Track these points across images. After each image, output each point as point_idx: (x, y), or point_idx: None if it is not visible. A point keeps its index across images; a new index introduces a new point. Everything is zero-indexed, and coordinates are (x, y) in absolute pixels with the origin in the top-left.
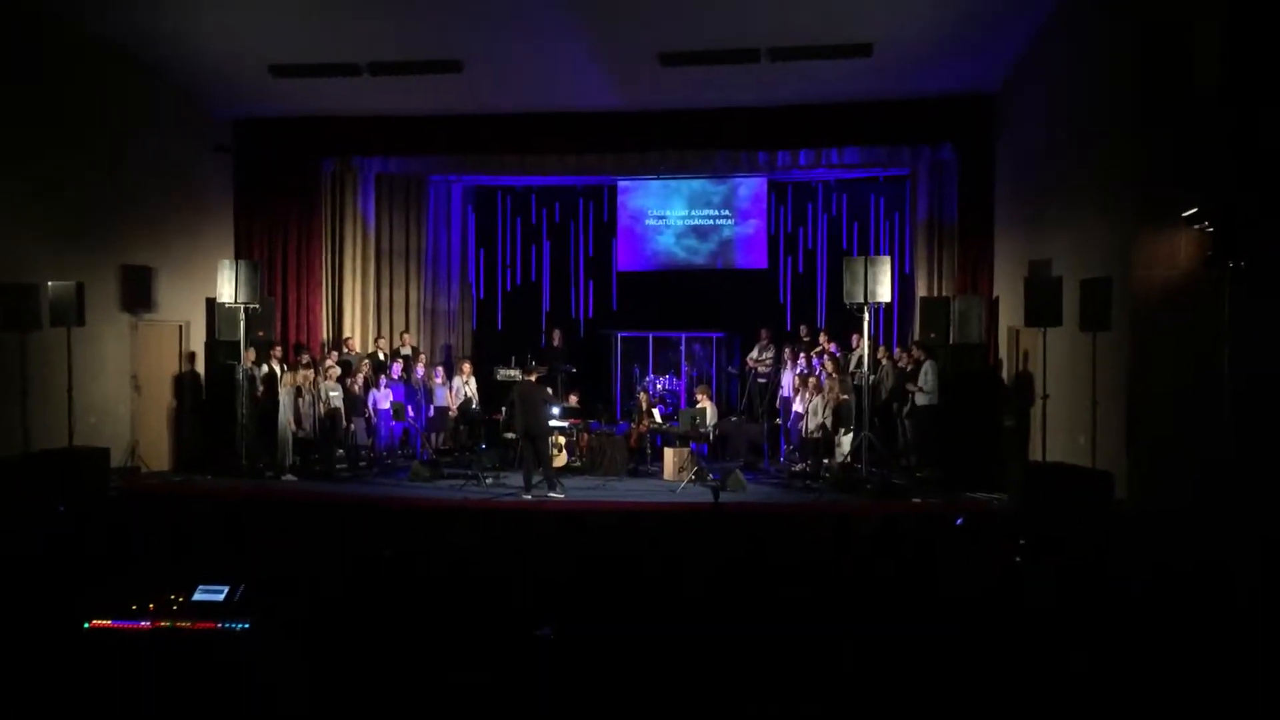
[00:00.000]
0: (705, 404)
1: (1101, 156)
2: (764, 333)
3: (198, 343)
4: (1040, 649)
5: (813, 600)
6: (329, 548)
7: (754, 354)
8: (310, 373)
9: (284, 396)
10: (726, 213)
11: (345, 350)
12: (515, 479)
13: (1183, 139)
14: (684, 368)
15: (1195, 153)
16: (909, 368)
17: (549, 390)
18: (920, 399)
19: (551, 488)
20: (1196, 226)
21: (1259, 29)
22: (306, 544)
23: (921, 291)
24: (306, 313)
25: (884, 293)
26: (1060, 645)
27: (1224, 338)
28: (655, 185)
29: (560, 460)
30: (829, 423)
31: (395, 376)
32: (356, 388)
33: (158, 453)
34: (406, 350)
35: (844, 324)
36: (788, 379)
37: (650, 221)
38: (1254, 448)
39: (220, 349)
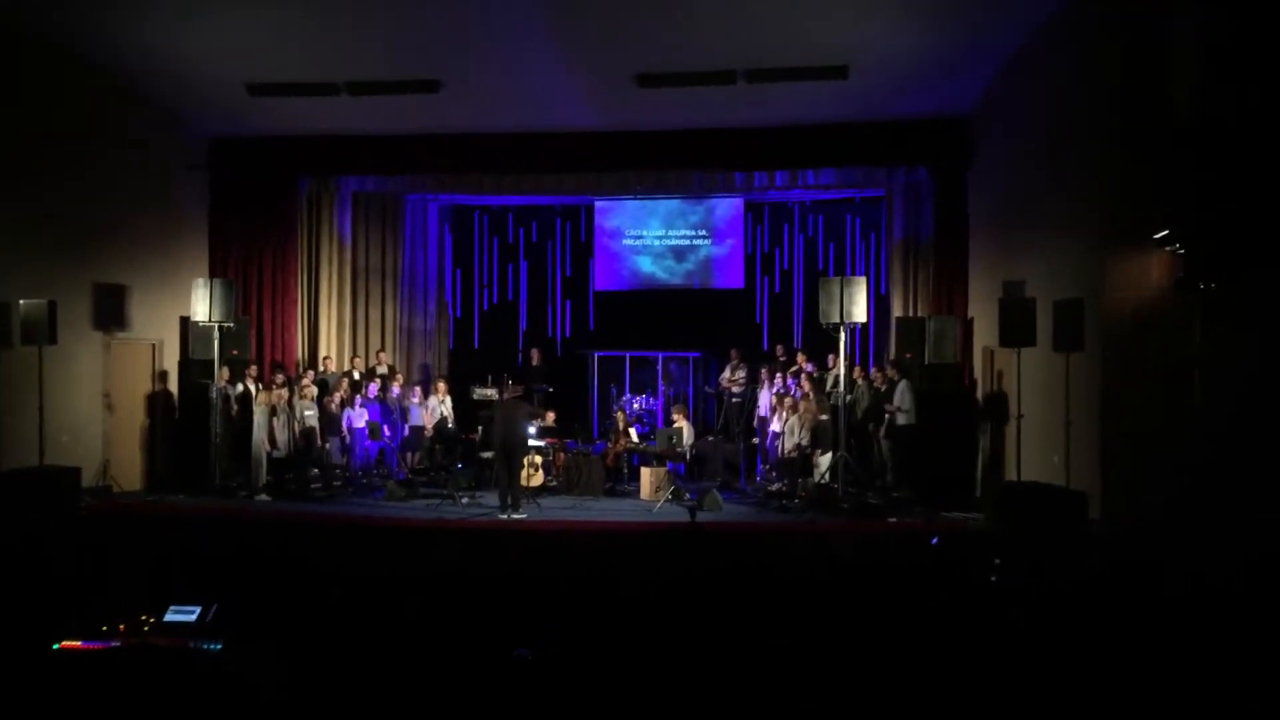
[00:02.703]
0: (682, 423)
1: (1073, 178)
2: (734, 352)
3: (171, 361)
4: (1015, 666)
5: (790, 620)
6: (303, 568)
7: (726, 374)
8: (285, 392)
9: (258, 416)
10: (703, 233)
11: (321, 369)
12: (491, 498)
13: (1154, 161)
14: (661, 387)
15: (1166, 175)
16: (884, 388)
17: (529, 406)
18: (899, 419)
19: (515, 508)
20: (1168, 249)
21: (1234, 56)
22: (280, 564)
23: (897, 311)
24: (282, 331)
25: (860, 313)
26: (1035, 661)
27: (1195, 359)
28: (632, 205)
29: (537, 479)
30: (806, 442)
31: (371, 396)
32: (332, 407)
33: (130, 472)
34: (383, 369)
35: (820, 344)
36: (765, 398)
37: (627, 241)
38: (1224, 468)
39: (194, 368)
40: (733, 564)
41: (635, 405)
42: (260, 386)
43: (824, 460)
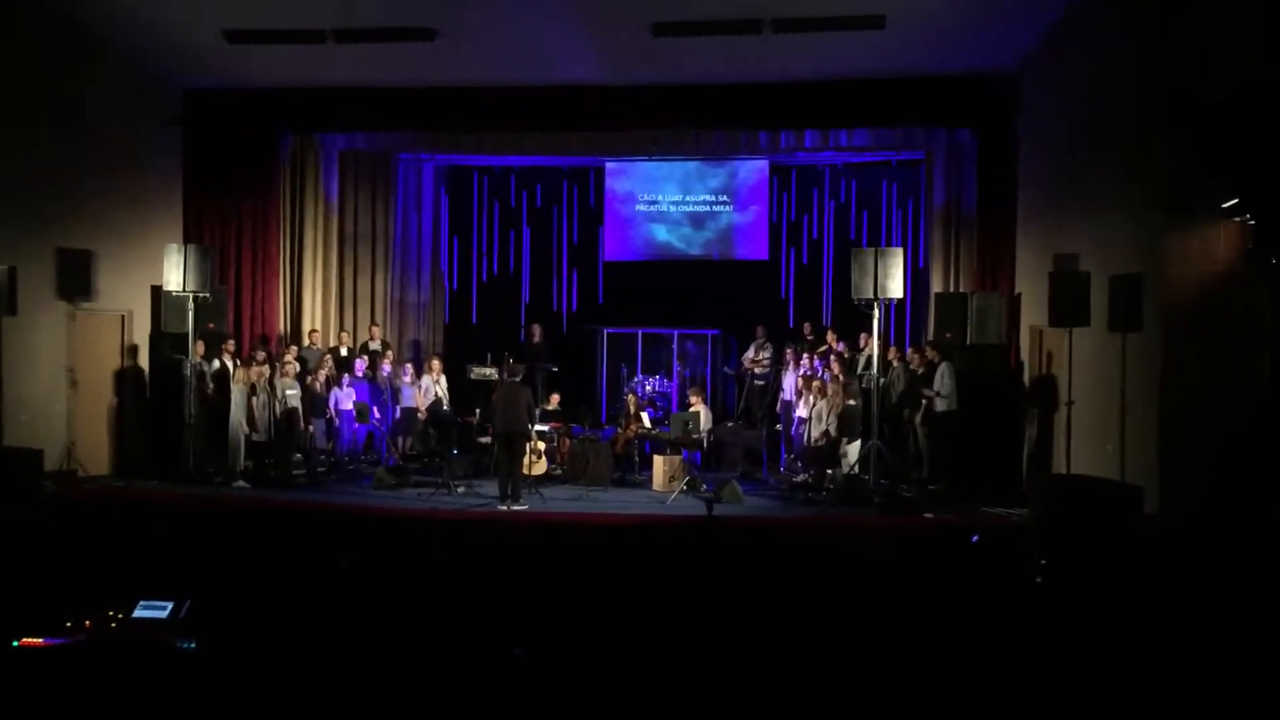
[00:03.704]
0: (699, 408)
1: (1132, 139)
2: (761, 330)
3: (142, 335)
4: (1061, 675)
5: (814, 623)
6: (284, 560)
7: (750, 354)
8: (266, 369)
9: (236, 395)
10: (724, 198)
11: (305, 345)
12: (489, 488)
13: (1223, 120)
14: (676, 368)
15: (1236, 136)
16: (921, 370)
17: (531, 393)
18: (939, 404)
19: (516, 499)
20: (1237, 218)
21: None
22: (259, 556)
23: (936, 287)
24: (262, 303)
25: (895, 288)
26: (1083, 670)
27: (1266, 339)
28: (646, 167)
29: (539, 468)
30: (834, 429)
31: (359, 374)
32: (317, 386)
33: (96, 455)
34: (375, 344)
35: (852, 322)
36: (790, 381)
37: (640, 207)
38: None
39: (167, 342)
40: (753, 562)
41: (648, 387)
42: (239, 363)
43: (854, 449)
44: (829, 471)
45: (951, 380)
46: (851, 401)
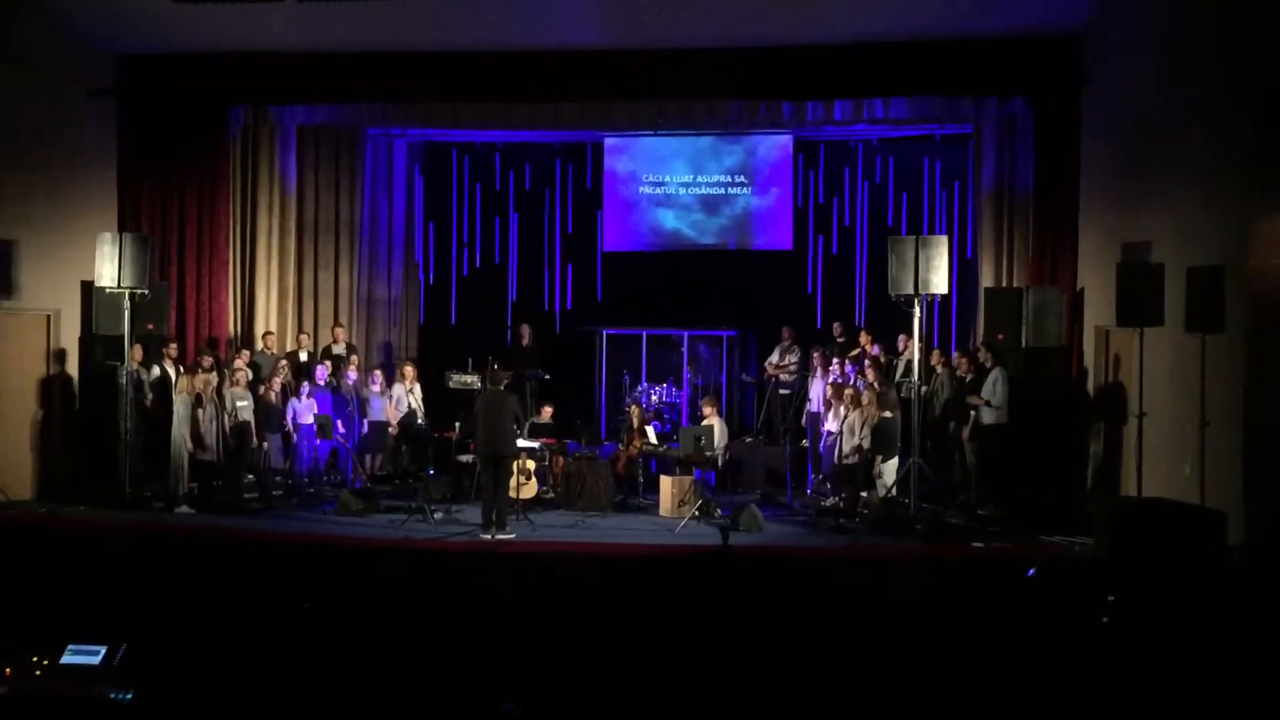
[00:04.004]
0: (713, 420)
1: (1214, 113)
2: (787, 332)
3: (70, 338)
4: None
5: (847, 670)
6: (234, 598)
7: (774, 358)
8: (213, 377)
9: (179, 407)
10: (741, 179)
11: (259, 349)
12: (471, 513)
13: None
14: (686, 374)
15: None
16: (969, 377)
17: (519, 404)
18: (987, 415)
19: (501, 526)
20: None
21: None
22: (205, 593)
23: (987, 281)
24: (209, 300)
25: (940, 282)
26: None
27: None
28: (651, 143)
29: (529, 490)
30: (868, 445)
31: (321, 382)
32: (272, 396)
33: (18, 477)
34: (339, 348)
35: (889, 321)
36: (817, 390)
37: (645, 189)
38: None
39: (99, 346)
40: (775, 599)
41: (654, 397)
42: (182, 370)
43: (891, 468)
44: (863, 494)
45: (1004, 388)
46: (888, 413)
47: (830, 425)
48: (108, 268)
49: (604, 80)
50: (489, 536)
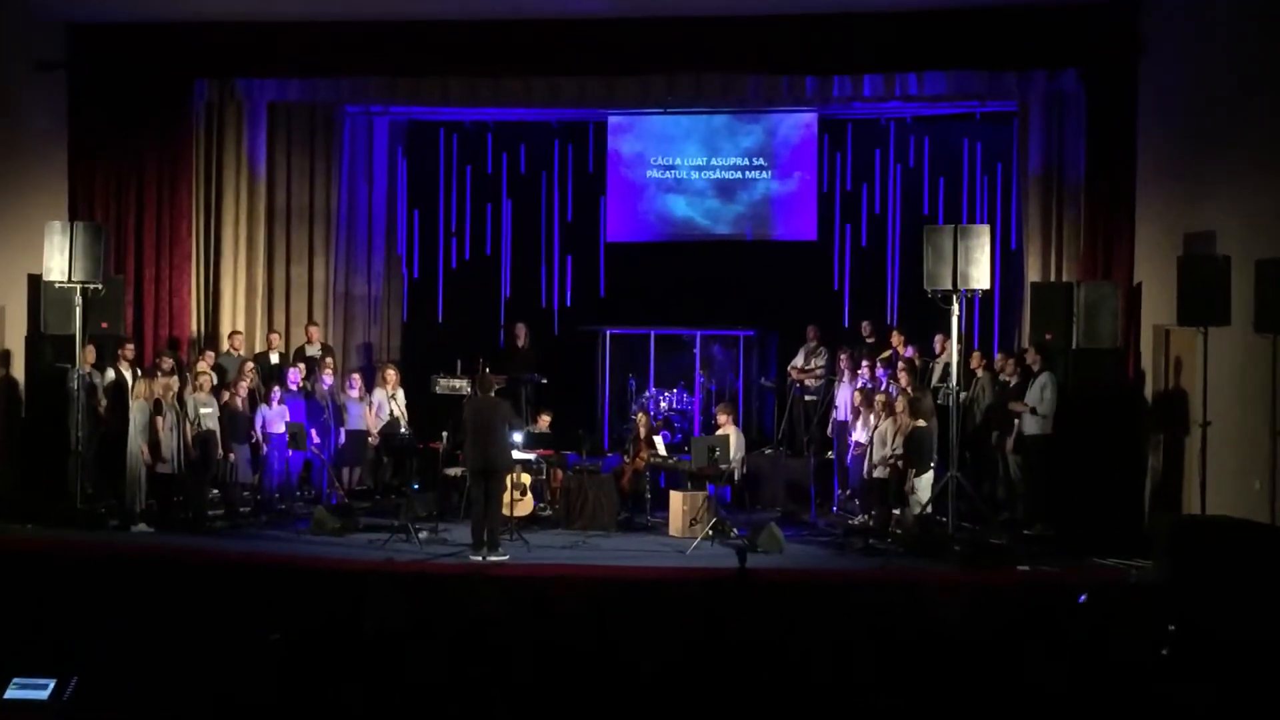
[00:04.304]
0: (728, 430)
1: None
2: (812, 331)
3: (15, 337)
4: None
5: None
6: (196, 628)
7: (798, 361)
8: (174, 381)
9: (136, 414)
10: (761, 162)
11: (224, 350)
12: (460, 532)
13: None
14: (699, 379)
15: None
16: (1014, 381)
17: (514, 411)
18: (1030, 424)
19: (493, 547)
20: None
21: None
22: (164, 622)
23: (1034, 275)
24: (170, 296)
25: (981, 276)
26: None
27: None
28: (660, 122)
29: (524, 507)
30: (901, 457)
31: (294, 387)
32: (239, 402)
33: None
34: (313, 349)
35: (924, 320)
36: (845, 396)
37: (653, 173)
38: None
39: (48, 346)
40: (797, 629)
41: (662, 404)
42: (139, 374)
43: (926, 483)
44: (895, 512)
45: (1054, 394)
46: (923, 422)
47: (859, 435)
48: (57, 260)
49: (607, 51)
50: (479, 558)
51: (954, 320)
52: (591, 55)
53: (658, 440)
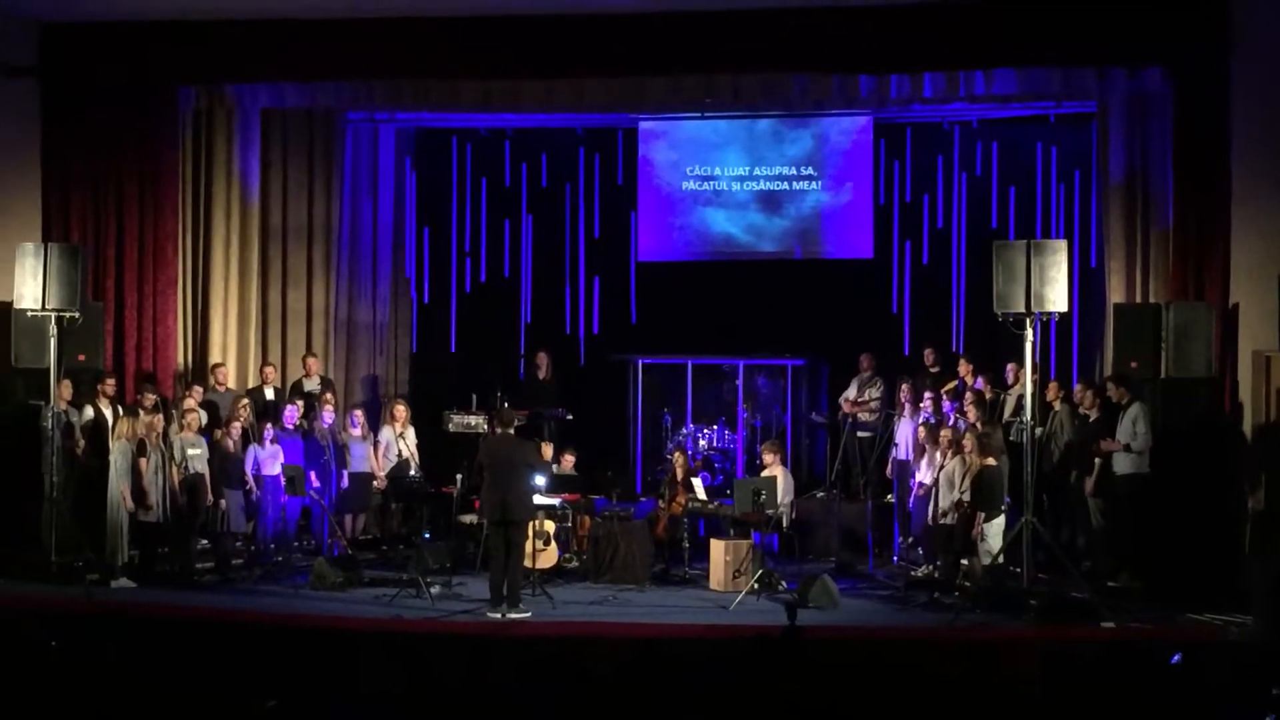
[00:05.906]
0: (775, 471)
1: None
2: (866, 360)
3: None
4: None
5: None
6: (184, 692)
7: (851, 393)
8: (158, 419)
9: (117, 456)
10: (810, 171)
11: (214, 385)
12: (477, 586)
13: None
14: (742, 414)
15: None
16: (1095, 415)
17: (537, 448)
18: (1121, 463)
19: (514, 603)
20: None
21: None
22: (148, 686)
23: (1116, 295)
24: (154, 325)
25: (1057, 297)
26: None
27: None
28: (697, 128)
29: (548, 558)
30: (969, 501)
31: (290, 426)
32: (230, 443)
33: None
34: (312, 384)
35: (994, 347)
36: (906, 433)
37: (689, 185)
38: None
39: (19, 381)
40: (853, 694)
41: (701, 442)
42: (120, 411)
43: (997, 529)
44: (963, 562)
45: (1147, 427)
46: (993, 461)
47: (922, 476)
48: (29, 286)
49: (637, 49)
50: (498, 616)
51: (1028, 347)
52: (620, 54)
53: (696, 483)
